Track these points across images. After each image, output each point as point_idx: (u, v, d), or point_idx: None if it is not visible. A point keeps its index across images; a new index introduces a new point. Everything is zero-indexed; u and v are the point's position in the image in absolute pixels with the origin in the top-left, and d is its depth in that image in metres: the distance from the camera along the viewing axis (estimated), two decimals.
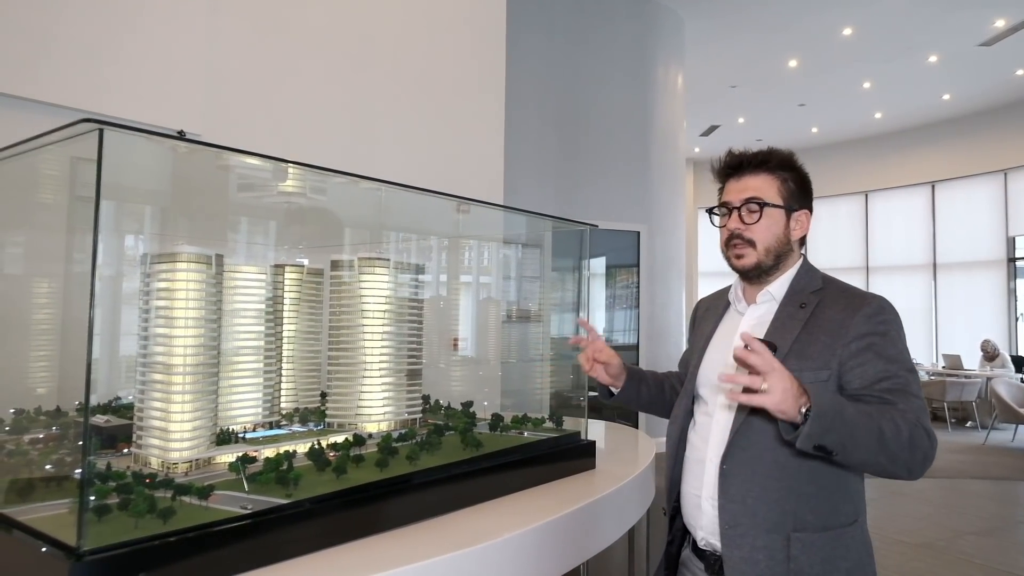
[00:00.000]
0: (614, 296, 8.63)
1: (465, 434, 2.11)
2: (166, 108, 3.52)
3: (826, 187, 14.83)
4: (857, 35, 9.17)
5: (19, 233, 2.68)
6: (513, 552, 1.69)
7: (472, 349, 3.45)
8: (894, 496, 6.43)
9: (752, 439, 1.44)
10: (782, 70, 10.55)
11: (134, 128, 1.26)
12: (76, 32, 3.09)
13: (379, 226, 2.95)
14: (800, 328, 1.45)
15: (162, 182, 2.46)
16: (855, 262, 14.43)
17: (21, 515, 1.36)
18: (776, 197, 1.53)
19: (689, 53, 9.31)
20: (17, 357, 2.54)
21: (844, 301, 1.47)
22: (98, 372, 2.37)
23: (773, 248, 1.52)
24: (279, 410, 2.36)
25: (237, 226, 2.95)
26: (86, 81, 3.14)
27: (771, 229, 1.52)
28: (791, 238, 1.54)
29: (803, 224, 1.55)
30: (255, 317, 2.20)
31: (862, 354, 1.39)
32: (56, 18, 3.02)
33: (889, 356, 1.39)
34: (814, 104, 12.17)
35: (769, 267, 1.54)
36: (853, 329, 1.41)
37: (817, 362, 1.41)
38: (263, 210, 2.76)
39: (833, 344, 1.42)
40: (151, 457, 1.76)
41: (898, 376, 1.37)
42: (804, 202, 1.56)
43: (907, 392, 1.36)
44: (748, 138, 14.44)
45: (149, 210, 2.68)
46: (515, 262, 3.86)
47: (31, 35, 2.94)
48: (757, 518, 1.41)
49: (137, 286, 1.87)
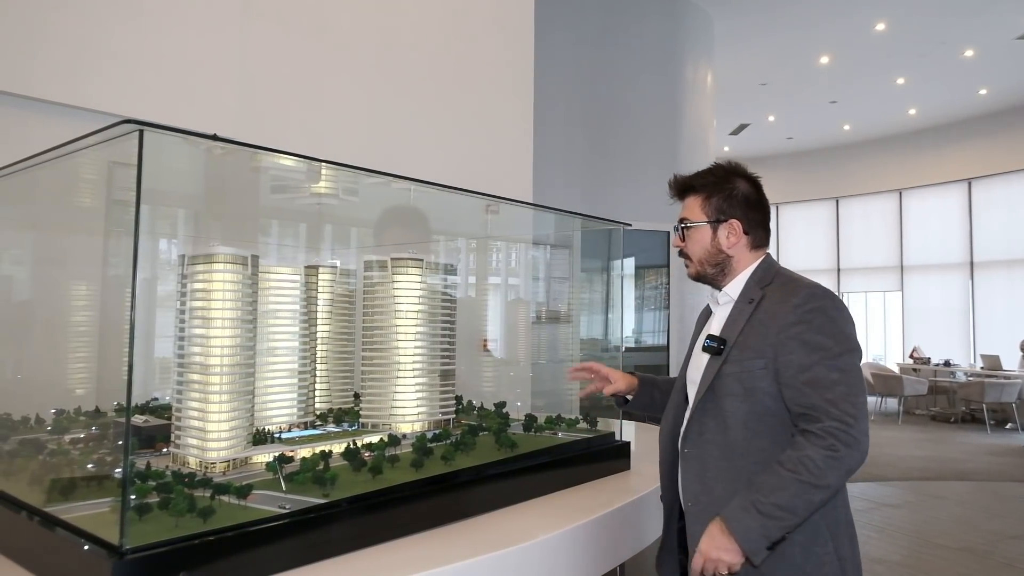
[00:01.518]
0: (643, 297, 8.56)
1: (499, 435, 2.10)
2: (200, 111, 3.56)
3: (859, 185, 14.57)
4: (890, 30, 8.98)
5: (61, 236, 2.73)
6: (550, 553, 1.67)
7: (503, 350, 3.44)
8: (933, 499, 6.27)
9: (706, 424, 1.58)
10: (813, 67, 10.38)
11: (173, 129, 1.26)
12: (114, 40, 3.14)
13: (411, 228, 2.95)
14: (745, 321, 1.59)
15: (201, 184, 2.48)
16: (889, 261, 14.15)
17: (63, 514, 1.38)
18: (699, 214, 1.70)
19: (718, 51, 9.20)
20: (57, 358, 2.58)
21: (781, 292, 1.58)
22: (136, 373, 2.40)
23: (706, 259, 1.70)
24: (314, 410, 2.37)
25: (272, 228, 2.98)
26: (123, 87, 3.19)
27: (700, 243, 1.70)
28: (723, 247, 1.68)
29: (736, 230, 1.68)
30: (290, 318, 2.21)
31: (788, 343, 1.50)
32: (94, 26, 3.08)
33: (814, 344, 1.48)
34: (846, 101, 11.95)
35: (711, 274, 1.71)
36: (782, 319, 1.53)
37: (755, 351, 1.54)
38: (298, 212, 2.78)
39: (767, 334, 1.54)
40: (189, 457, 1.77)
41: (819, 364, 1.46)
42: (732, 212, 1.68)
43: (826, 380, 1.45)
44: (779, 136, 14.25)
45: (186, 212, 2.71)
46: (545, 263, 3.84)
47: (70, 43, 3.00)
48: (713, 495, 1.54)
49: (174, 288, 1.88)
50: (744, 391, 1.53)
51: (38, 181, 2.14)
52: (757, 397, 1.53)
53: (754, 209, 1.70)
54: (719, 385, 1.57)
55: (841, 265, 15.00)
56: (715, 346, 1.60)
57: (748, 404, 1.53)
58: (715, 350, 1.60)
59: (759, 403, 1.53)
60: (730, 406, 1.55)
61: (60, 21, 2.97)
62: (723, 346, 1.58)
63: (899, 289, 14.00)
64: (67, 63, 3.00)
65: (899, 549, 4.89)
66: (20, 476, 1.65)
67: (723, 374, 1.57)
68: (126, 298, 2.23)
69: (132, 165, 1.58)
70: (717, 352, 1.59)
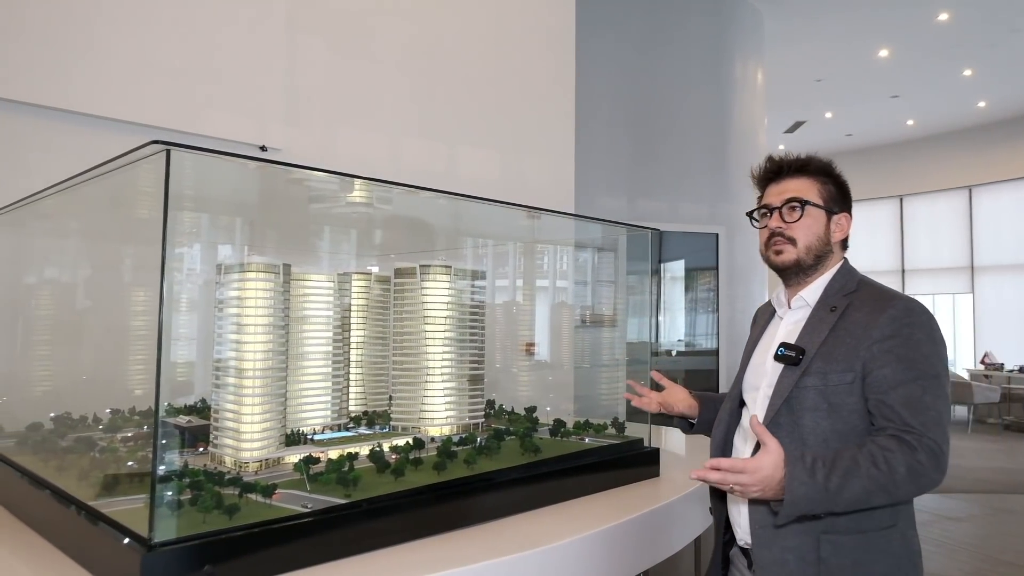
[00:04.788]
0: (695, 299, 8.43)
1: (524, 439, 2.13)
2: (249, 125, 3.72)
3: (925, 182, 13.98)
4: (954, 20, 8.61)
5: (123, 245, 2.89)
6: (567, 558, 1.69)
7: (543, 354, 3.46)
8: (1002, 513, 5.98)
9: (780, 440, 1.40)
10: (871, 61, 10.03)
11: (199, 148, 1.34)
12: (167, 57, 3.31)
13: (454, 233, 3.00)
14: (828, 331, 1.47)
15: (253, 194, 2.57)
16: (959, 261, 13.53)
17: (104, 508, 1.47)
18: (817, 198, 1.58)
19: (769, 47, 9.00)
20: (119, 361, 2.74)
21: (871, 303, 1.48)
22: (185, 376, 2.53)
23: (813, 247, 1.56)
24: (347, 413, 2.45)
25: (308, 236, 3.08)
26: (176, 102, 3.36)
27: (812, 228, 1.57)
28: (831, 239, 1.58)
29: (843, 227, 1.60)
30: (324, 323, 2.30)
31: (883, 356, 1.40)
32: (148, 45, 3.25)
33: (909, 360, 1.39)
34: (909, 95, 11.50)
35: (808, 266, 1.57)
36: (877, 331, 1.42)
37: (842, 364, 1.43)
38: (342, 220, 2.87)
39: (857, 346, 1.43)
40: (225, 456, 1.87)
41: (914, 384, 1.37)
42: (843, 205, 1.61)
43: (919, 402, 1.36)
44: (837, 133, 13.81)
45: (241, 221, 2.82)
46: (588, 266, 3.84)
47: (126, 61, 3.17)
48: None
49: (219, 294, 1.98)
50: (829, 407, 1.42)
51: (96, 194, 2.28)
52: (842, 414, 1.42)
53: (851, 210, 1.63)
54: (798, 399, 1.44)
55: (906, 266, 14.43)
56: (792, 356, 1.47)
57: (831, 421, 1.42)
58: (792, 360, 1.47)
59: (843, 420, 1.42)
60: (811, 422, 1.42)
61: (116, 41, 3.15)
62: (801, 356, 1.46)
63: (969, 291, 13.36)
64: (123, 81, 3.18)
65: (959, 565, 4.68)
66: (71, 471, 1.77)
67: (803, 387, 1.44)
68: (177, 304, 2.36)
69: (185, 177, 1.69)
70: (794, 362, 1.46)
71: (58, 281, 2.84)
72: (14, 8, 2.89)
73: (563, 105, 5.05)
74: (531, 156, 4.82)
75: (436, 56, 4.40)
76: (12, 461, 1.96)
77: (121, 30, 3.18)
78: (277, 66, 3.79)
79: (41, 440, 2.13)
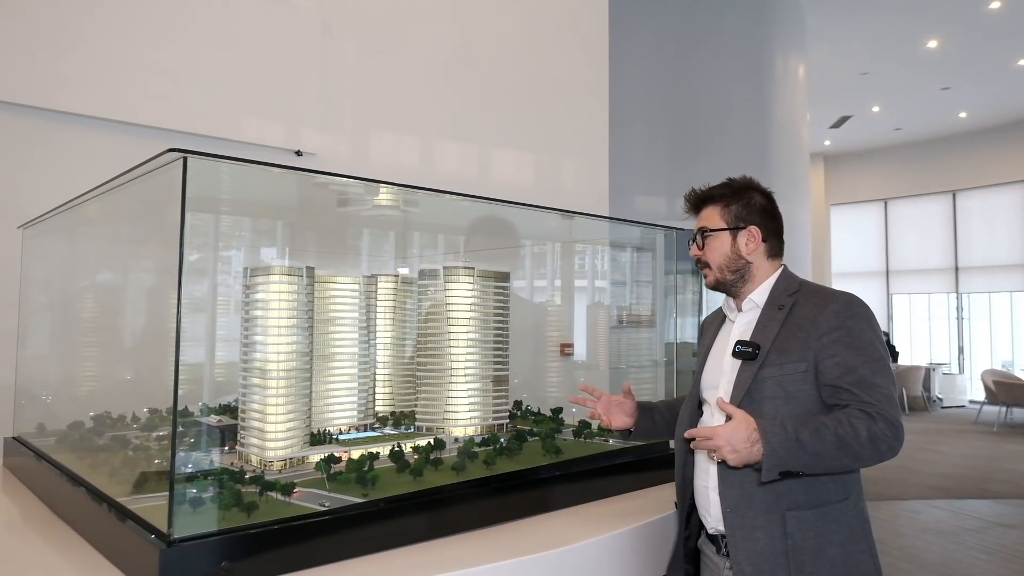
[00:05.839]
0: None
1: (545, 440, 2.12)
2: (284, 130, 3.80)
3: (979, 177, 13.47)
4: (1007, 7, 8.28)
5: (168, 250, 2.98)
6: (584, 560, 1.68)
7: (579, 354, 3.44)
8: None
9: None
10: (920, 52, 9.72)
11: (216, 156, 1.38)
12: (206, 65, 3.41)
13: (490, 235, 3.01)
14: (779, 327, 1.64)
15: (293, 198, 2.62)
16: (1016, 258, 12.99)
17: (131, 504, 1.53)
18: (719, 222, 1.76)
19: (812, 41, 8.80)
20: (161, 362, 2.83)
21: (815, 300, 1.65)
22: (231, 375, 2.59)
23: (726, 265, 1.75)
24: (374, 413, 2.48)
25: (344, 239, 3.13)
26: (213, 109, 3.46)
27: (719, 250, 1.76)
28: (742, 253, 1.74)
29: (755, 237, 1.74)
30: (350, 325, 2.33)
31: (832, 346, 1.56)
32: (187, 53, 3.35)
33: (856, 347, 1.55)
34: (960, 87, 11.11)
35: (731, 281, 1.76)
36: (823, 324, 1.59)
37: (795, 355, 1.59)
38: (375, 223, 2.90)
39: (807, 339, 1.59)
40: (251, 455, 1.91)
41: (863, 367, 1.53)
42: (752, 219, 1.75)
43: (871, 383, 1.52)
44: (885, 127, 13.42)
45: (283, 224, 2.87)
46: (622, 267, 3.81)
47: (166, 71, 3.28)
48: (754, 500, 1.57)
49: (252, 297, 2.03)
50: (786, 394, 1.58)
51: (135, 200, 2.36)
52: (799, 400, 1.57)
53: (770, 218, 1.78)
54: (758, 389, 1.60)
55: (960, 264, 13.93)
56: (749, 351, 1.63)
57: (789, 407, 1.57)
58: (750, 355, 1.63)
59: (800, 406, 1.57)
60: (770, 409, 1.57)
61: (156, 51, 3.25)
62: (757, 350, 1.62)
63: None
64: (162, 90, 3.28)
65: (1010, 574, 4.50)
66: (103, 468, 1.84)
67: (762, 378, 1.60)
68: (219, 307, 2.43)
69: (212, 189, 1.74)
70: (752, 356, 1.62)
71: (103, 285, 2.95)
72: (59, 21, 3.02)
73: (597, 105, 5.02)
74: (565, 157, 4.81)
75: (468, 59, 4.43)
76: (51, 458, 2.05)
77: (160, 40, 3.29)
78: (312, 72, 3.87)
79: (79, 438, 2.21)
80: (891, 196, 14.64)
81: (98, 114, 3.10)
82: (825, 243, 15.16)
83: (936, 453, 8.54)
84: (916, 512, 5.98)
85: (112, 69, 3.13)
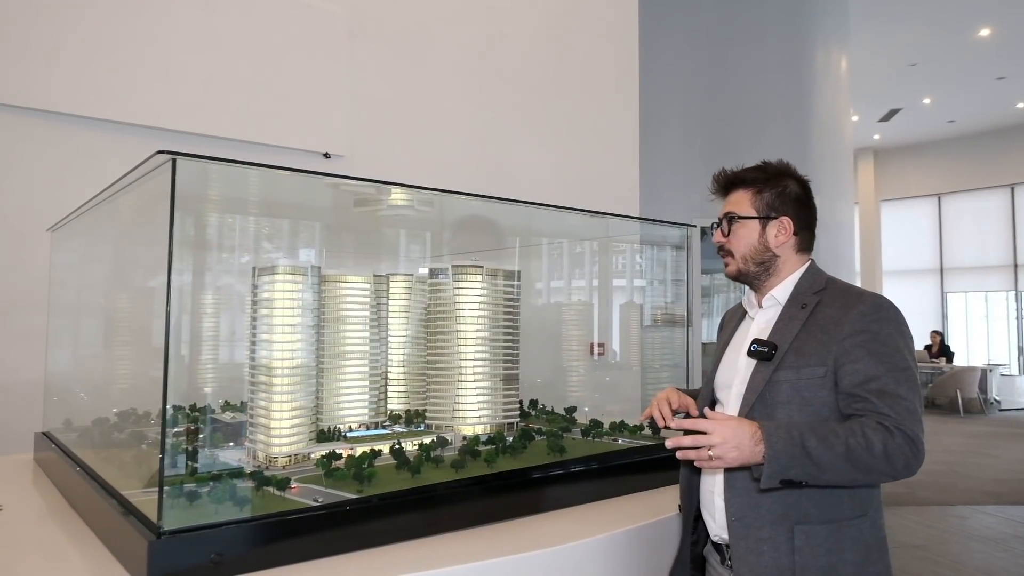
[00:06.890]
0: None
1: (550, 439, 2.11)
2: (314, 134, 3.87)
3: None
4: None
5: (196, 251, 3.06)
6: (579, 560, 1.66)
7: (606, 354, 3.40)
8: None
9: None
10: (972, 41, 9.34)
11: (205, 157, 1.41)
12: (238, 72, 3.50)
13: (515, 234, 3.00)
14: (800, 327, 1.52)
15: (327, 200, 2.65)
16: None
17: (134, 497, 1.57)
18: (748, 209, 1.64)
19: (856, 32, 8.53)
20: (187, 360, 2.91)
21: (841, 300, 1.52)
22: (235, 374, 2.66)
23: (750, 256, 1.63)
24: (386, 411, 2.50)
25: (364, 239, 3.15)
26: (243, 114, 3.54)
27: (746, 239, 1.64)
28: (770, 245, 1.62)
29: (787, 230, 1.62)
30: (360, 323, 2.35)
31: (854, 351, 1.44)
32: (218, 62, 3.44)
33: (880, 354, 1.43)
34: (1017, 76, 10.63)
35: (754, 273, 1.64)
36: (847, 326, 1.46)
37: (814, 359, 1.47)
38: (405, 224, 2.92)
39: (829, 341, 1.47)
40: (258, 451, 1.95)
41: (887, 376, 1.41)
42: (784, 209, 1.62)
43: (894, 394, 1.39)
44: (938, 119, 12.94)
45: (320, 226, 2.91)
46: (653, 265, 3.75)
47: (198, 78, 3.37)
48: (761, 510, 1.47)
49: (258, 296, 2.06)
50: (802, 400, 1.47)
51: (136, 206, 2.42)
52: (815, 407, 1.46)
53: (805, 210, 1.65)
54: (771, 393, 1.49)
55: (1020, 260, 13.32)
56: (765, 351, 1.52)
57: (803, 414, 1.46)
58: (765, 355, 1.51)
59: (816, 414, 1.46)
60: (784, 415, 1.47)
61: (188, 59, 3.35)
62: (774, 351, 1.51)
63: None
64: (194, 96, 3.38)
65: None
66: (114, 463, 1.90)
67: (776, 381, 1.49)
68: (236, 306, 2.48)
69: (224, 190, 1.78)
70: (767, 357, 1.51)
71: (131, 286, 3.05)
72: (91, 30, 3.13)
73: (627, 103, 4.97)
74: (594, 155, 4.78)
75: (496, 60, 4.43)
76: (72, 453, 2.12)
77: (192, 48, 3.39)
78: (340, 76, 3.93)
79: (99, 434, 2.29)
80: (945, 191, 14.10)
81: (131, 120, 3.22)
82: (875, 240, 14.69)
83: (991, 457, 8.18)
84: (963, 518, 5.74)
85: (144, 78, 3.24)
